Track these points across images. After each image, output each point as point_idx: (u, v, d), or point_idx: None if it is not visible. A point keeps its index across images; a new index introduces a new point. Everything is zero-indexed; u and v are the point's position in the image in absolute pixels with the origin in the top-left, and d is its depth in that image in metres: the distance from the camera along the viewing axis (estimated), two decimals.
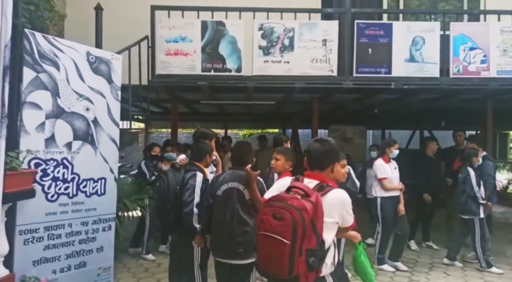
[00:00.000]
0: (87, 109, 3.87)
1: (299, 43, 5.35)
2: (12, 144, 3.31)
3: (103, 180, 4.01)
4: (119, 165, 11.52)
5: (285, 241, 1.84)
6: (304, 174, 2.22)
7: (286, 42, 5.41)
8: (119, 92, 4.21)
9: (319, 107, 6.59)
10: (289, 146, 4.71)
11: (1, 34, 1.61)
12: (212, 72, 5.36)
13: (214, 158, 3.78)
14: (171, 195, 3.42)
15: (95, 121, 3.94)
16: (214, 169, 3.92)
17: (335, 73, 5.34)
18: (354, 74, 5.40)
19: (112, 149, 4.10)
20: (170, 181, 3.46)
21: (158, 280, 4.61)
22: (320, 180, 2.13)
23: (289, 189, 2.06)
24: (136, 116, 10.38)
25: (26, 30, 3.40)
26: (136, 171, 9.64)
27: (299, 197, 1.95)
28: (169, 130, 10.27)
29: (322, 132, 14.05)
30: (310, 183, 2.13)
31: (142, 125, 12.90)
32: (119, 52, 4.83)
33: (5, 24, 1.61)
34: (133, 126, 14.27)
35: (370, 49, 5.44)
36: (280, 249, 1.86)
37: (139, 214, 5.81)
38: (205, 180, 3.36)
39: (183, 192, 3.29)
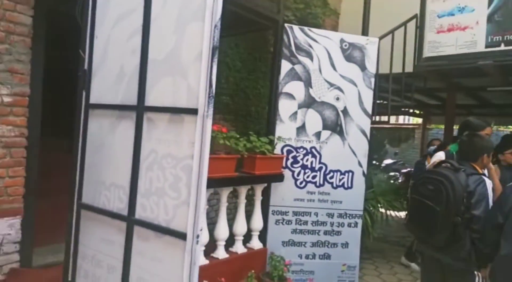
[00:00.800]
0: (337, 98, 3.75)
1: None
2: (269, 131, 3.67)
3: (350, 173, 3.80)
4: (391, 161, 11.16)
5: None
6: None
7: None
8: (373, 80, 3.85)
9: None
10: None
11: (212, 15, 1.62)
12: (501, 47, 4.05)
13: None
14: (459, 205, 2.52)
15: (345, 111, 3.77)
16: None
17: None
18: None
19: (361, 141, 3.81)
20: (455, 186, 2.54)
21: None
22: None
23: None
24: (412, 111, 9.65)
25: (285, 24, 3.64)
26: (408, 169, 8.95)
27: None
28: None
29: None
30: None
31: (420, 120, 11.86)
32: (382, 37, 4.46)
33: (216, 5, 1.61)
34: (410, 122, 13.43)
35: None
36: None
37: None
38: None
39: (471, 202, 2.48)
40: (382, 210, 4.69)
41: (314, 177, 3.74)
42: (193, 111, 1.75)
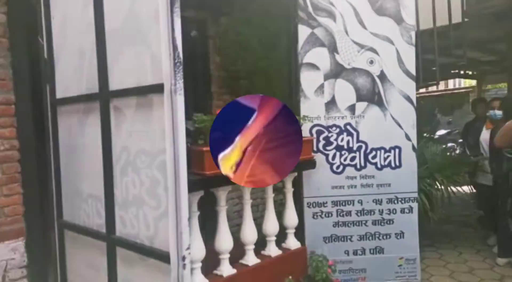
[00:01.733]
0: (371, 62, 3.12)
1: None
2: (293, 110, 3.11)
3: (397, 149, 3.16)
4: (444, 132, 10.11)
5: None
6: None
7: None
8: (413, 34, 3.16)
9: None
10: None
11: None
12: None
13: None
14: None
15: (382, 76, 3.13)
16: None
17: None
18: None
19: (407, 109, 3.15)
20: None
21: None
22: None
23: None
24: (463, 72, 8.55)
25: None
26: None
27: None
28: None
29: None
30: None
31: (473, 82, 10.63)
32: None
33: None
34: (461, 86, 12.15)
35: None
36: None
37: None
38: None
39: None
40: (442, 188, 3.98)
41: (353, 159, 3.15)
42: (160, 88, 1.27)
